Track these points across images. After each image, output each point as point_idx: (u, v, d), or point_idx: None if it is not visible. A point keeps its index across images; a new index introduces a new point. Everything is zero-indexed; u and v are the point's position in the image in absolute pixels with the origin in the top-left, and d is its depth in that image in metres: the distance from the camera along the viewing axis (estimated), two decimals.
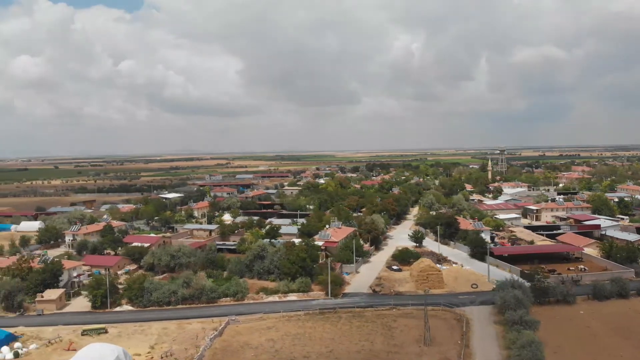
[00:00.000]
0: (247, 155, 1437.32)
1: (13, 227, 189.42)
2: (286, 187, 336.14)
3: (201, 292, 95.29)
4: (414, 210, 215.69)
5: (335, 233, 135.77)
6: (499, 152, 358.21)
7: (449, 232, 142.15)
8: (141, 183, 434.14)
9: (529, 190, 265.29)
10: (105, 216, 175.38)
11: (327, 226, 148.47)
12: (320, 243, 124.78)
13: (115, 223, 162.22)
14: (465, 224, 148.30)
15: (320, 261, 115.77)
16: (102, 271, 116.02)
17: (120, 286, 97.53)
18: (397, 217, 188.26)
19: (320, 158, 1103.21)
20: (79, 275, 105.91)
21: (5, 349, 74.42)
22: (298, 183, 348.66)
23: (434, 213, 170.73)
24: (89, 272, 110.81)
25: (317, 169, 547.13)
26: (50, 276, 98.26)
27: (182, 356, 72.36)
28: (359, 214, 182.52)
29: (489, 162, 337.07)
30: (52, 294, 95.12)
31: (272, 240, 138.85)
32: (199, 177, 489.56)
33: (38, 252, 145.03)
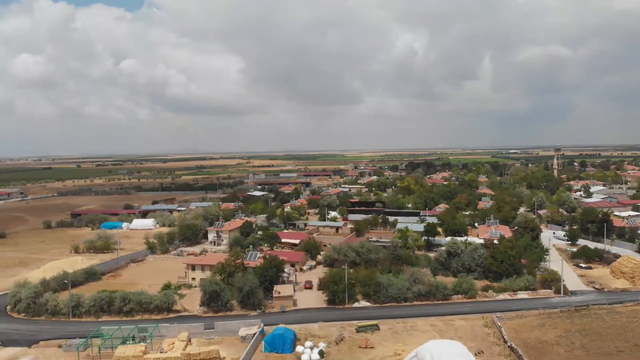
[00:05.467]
0: (250, 154, 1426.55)
1: (125, 225, 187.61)
2: (344, 186, 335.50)
3: (436, 289, 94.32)
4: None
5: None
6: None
7: (602, 230, 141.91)
8: (182, 182, 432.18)
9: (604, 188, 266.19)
10: (238, 212, 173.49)
11: (476, 225, 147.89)
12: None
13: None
14: (616, 221, 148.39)
15: None
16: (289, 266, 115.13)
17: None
18: None
19: (331, 157, 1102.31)
20: (289, 271, 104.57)
21: (300, 348, 72.68)
22: (358, 182, 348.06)
23: (576, 211, 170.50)
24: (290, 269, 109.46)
25: (356, 167, 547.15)
26: (275, 272, 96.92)
27: (493, 352, 71.71)
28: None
29: (555, 161, 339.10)
30: (285, 289, 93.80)
31: (431, 238, 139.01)
32: (238, 177, 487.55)
33: (182, 249, 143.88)
